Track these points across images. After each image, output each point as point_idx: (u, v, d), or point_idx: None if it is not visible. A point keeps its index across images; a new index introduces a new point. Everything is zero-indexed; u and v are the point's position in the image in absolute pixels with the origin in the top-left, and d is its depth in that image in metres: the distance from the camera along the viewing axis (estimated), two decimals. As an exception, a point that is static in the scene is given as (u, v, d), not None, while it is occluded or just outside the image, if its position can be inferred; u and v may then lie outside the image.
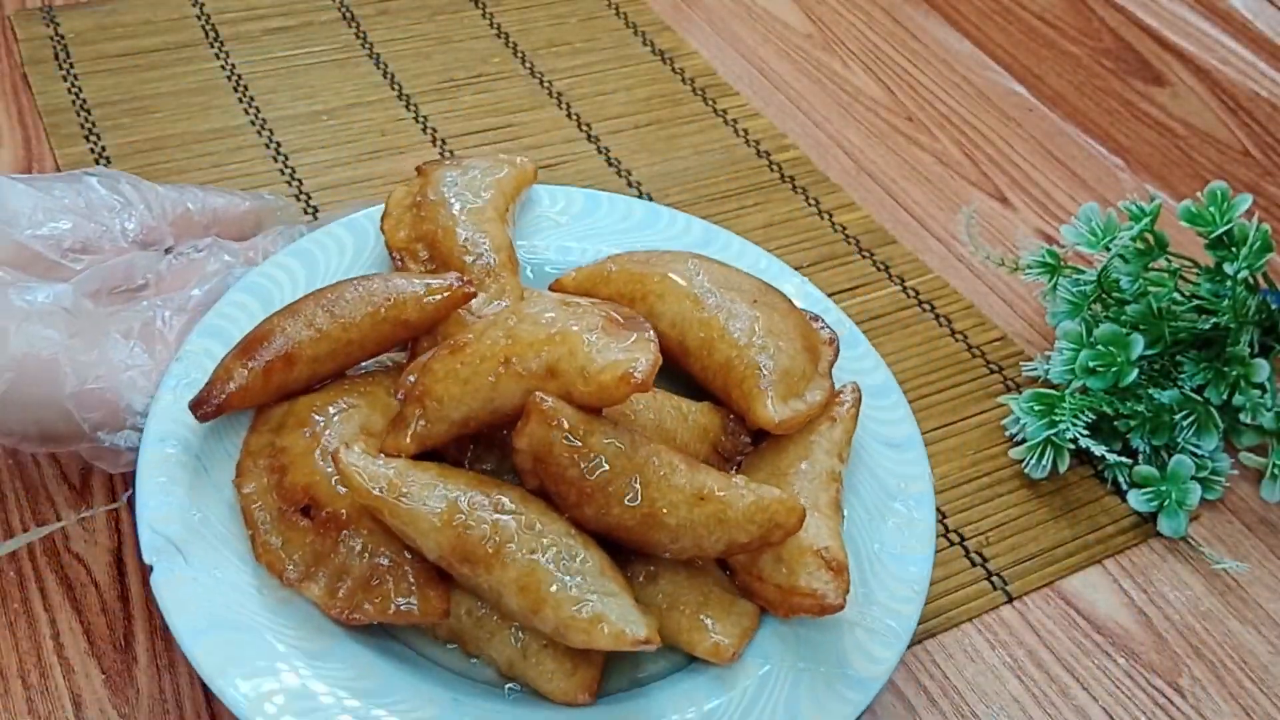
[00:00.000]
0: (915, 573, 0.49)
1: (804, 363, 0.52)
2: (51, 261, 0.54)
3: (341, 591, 0.46)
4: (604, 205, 0.63)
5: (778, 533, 0.45)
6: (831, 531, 0.48)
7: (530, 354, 0.46)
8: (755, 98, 0.85)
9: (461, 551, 0.44)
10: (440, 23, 0.88)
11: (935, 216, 0.77)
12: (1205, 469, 0.60)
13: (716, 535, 0.45)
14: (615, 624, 0.42)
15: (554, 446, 0.44)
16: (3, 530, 0.55)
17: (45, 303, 0.51)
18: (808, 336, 0.53)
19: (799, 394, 0.51)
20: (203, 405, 0.49)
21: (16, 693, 0.49)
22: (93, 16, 0.83)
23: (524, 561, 0.43)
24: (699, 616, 0.47)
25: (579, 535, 0.45)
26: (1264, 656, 0.55)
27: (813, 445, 0.51)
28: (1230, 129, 0.78)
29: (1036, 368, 0.66)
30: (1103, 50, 0.84)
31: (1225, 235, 0.60)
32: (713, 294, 0.53)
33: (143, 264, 0.56)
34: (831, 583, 0.46)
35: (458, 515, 0.44)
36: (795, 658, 0.47)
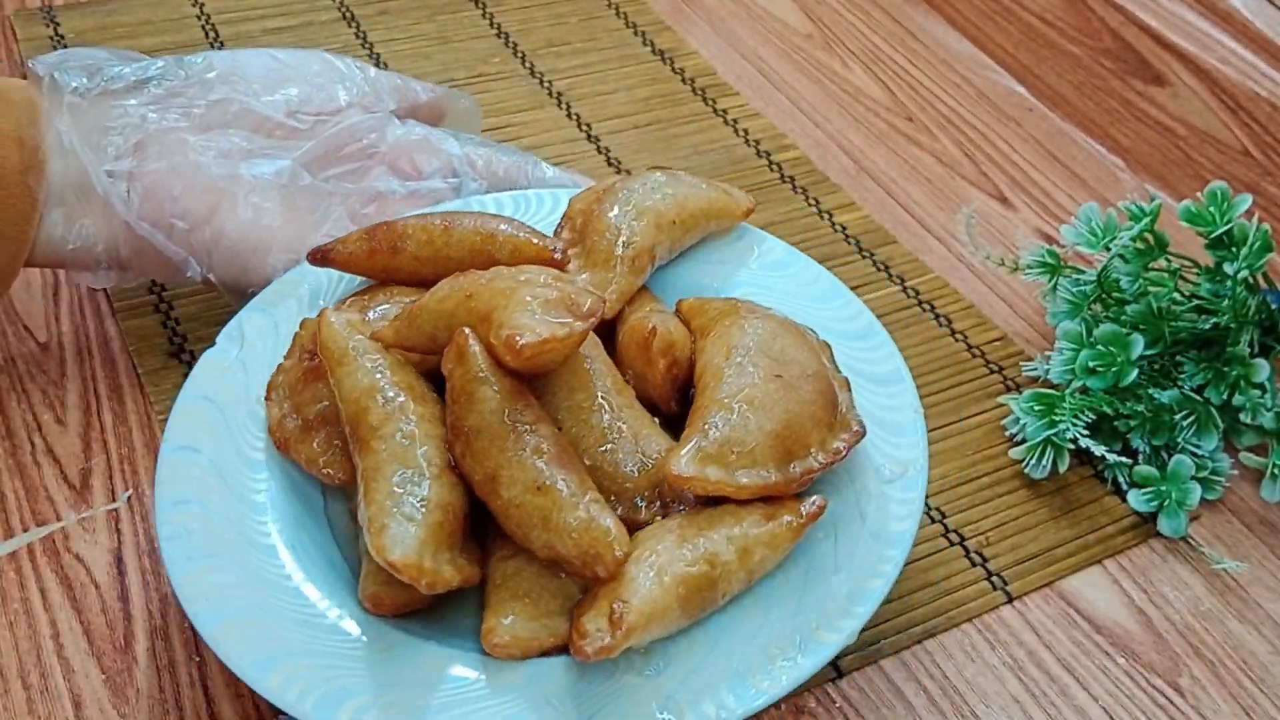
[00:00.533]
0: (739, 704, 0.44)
1: (760, 446, 0.48)
2: (278, 122, 0.61)
3: (289, 424, 0.52)
4: (797, 265, 0.60)
5: (598, 564, 0.45)
6: (649, 599, 0.44)
7: (485, 295, 0.49)
8: (755, 98, 0.85)
9: (353, 425, 0.48)
10: (440, 23, 0.88)
11: (935, 216, 0.77)
12: (1205, 469, 0.60)
13: (539, 531, 0.45)
14: (386, 539, 0.44)
15: (454, 379, 0.48)
16: (3, 530, 0.55)
17: (268, 176, 0.60)
18: (799, 430, 0.49)
19: (727, 466, 0.47)
20: (315, 253, 0.57)
21: (16, 693, 0.49)
22: (93, 16, 0.83)
23: (380, 456, 0.47)
24: (509, 603, 0.46)
25: (444, 471, 0.47)
26: (1264, 656, 0.55)
27: (720, 525, 0.47)
28: (1230, 129, 0.78)
29: (1036, 368, 0.66)
30: (1103, 50, 0.84)
31: (1225, 235, 0.60)
32: (747, 354, 0.51)
33: (366, 126, 0.63)
34: (601, 631, 0.43)
35: (367, 397, 0.48)
36: (554, 695, 0.45)
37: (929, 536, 0.58)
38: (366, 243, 0.56)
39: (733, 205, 0.61)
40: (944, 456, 0.62)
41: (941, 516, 0.59)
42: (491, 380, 0.47)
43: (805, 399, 0.50)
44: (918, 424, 0.53)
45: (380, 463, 0.46)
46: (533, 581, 0.47)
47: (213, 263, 0.59)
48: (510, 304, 0.48)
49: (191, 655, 0.51)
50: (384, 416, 0.48)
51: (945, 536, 0.58)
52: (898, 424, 0.53)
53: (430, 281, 0.53)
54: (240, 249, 0.59)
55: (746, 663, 0.45)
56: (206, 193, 0.58)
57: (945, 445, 0.63)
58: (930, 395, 0.65)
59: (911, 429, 0.53)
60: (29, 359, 0.62)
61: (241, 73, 0.61)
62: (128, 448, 0.58)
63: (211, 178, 0.58)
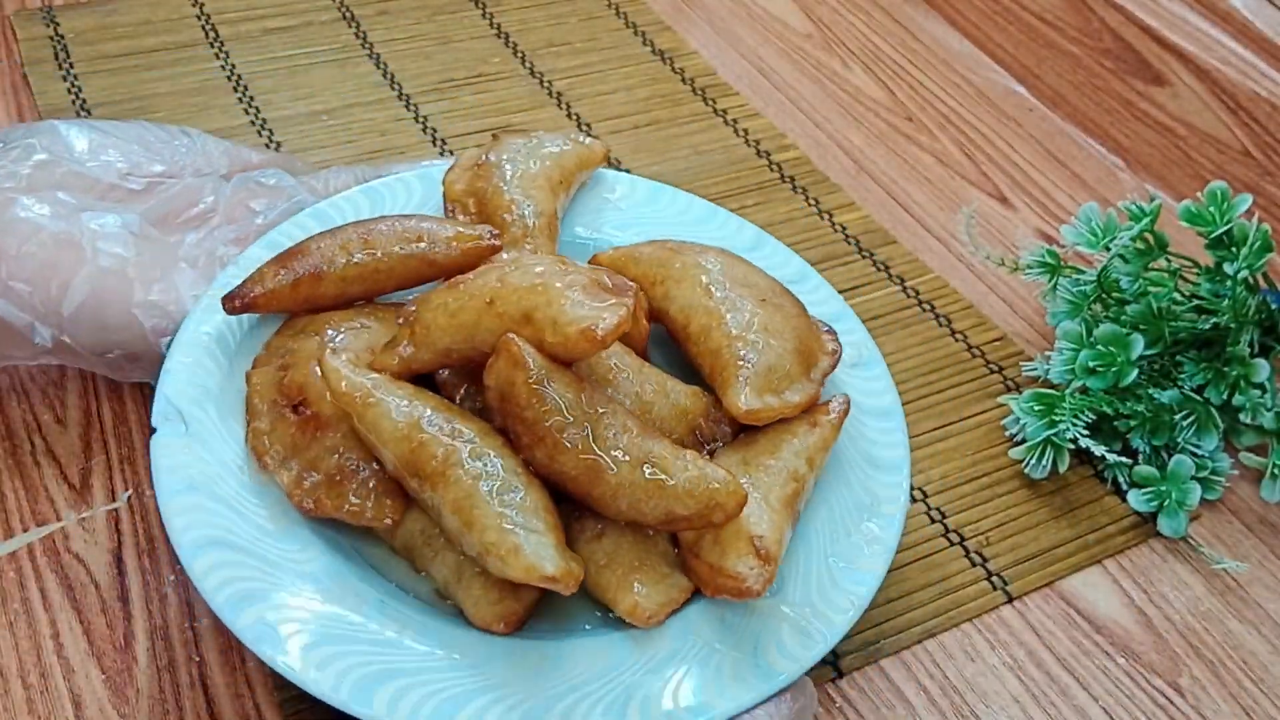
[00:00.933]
0: (860, 589, 0.49)
1: (792, 363, 0.53)
2: (109, 184, 0.57)
3: (308, 483, 0.49)
4: (665, 197, 0.64)
5: (718, 513, 0.46)
6: (773, 525, 0.48)
7: (512, 298, 0.48)
8: (755, 98, 0.85)
9: (413, 465, 0.47)
10: (440, 23, 0.88)
11: (935, 216, 0.77)
12: (1205, 469, 0.60)
13: (655, 501, 0.46)
14: (529, 557, 0.44)
15: (516, 386, 0.47)
16: (3, 530, 0.55)
17: (115, 226, 0.56)
18: (806, 342, 0.54)
19: (777, 391, 0.52)
20: (232, 300, 0.53)
21: (16, 693, 0.49)
22: (93, 16, 0.83)
23: (465, 484, 0.46)
24: (630, 578, 0.48)
25: (526, 475, 0.47)
26: (1264, 656, 0.55)
27: (783, 444, 0.51)
28: (1230, 129, 0.78)
29: (1036, 368, 0.66)
30: (1103, 50, 0.84)
31: (1225, 235, 0.60)
32: (725, 287, 0.54)
33: (207, 188, 0.60)
34: (755, 569, 0.46)
35: (418, 431, 0.47)
36: (715, 638, 0.47)
37: (929, 537, 0.58)
38: (287, 275, 0.53)
39: (593, 153, 0.63)
40: (944, 456, 0.62)
41: (941, 516, 0.59)
42: (556, 377, 0.47)
43: (794, 314, 0.55)
44: (846, 310, 0.59)
45: (469, 490, 0.46)
46: (634, 551, 0.48)
47: (64, 323, 0.54)
48: (552, 299, 0.47)
49: (191, 655, 0.51)
50: (447, 445, 0.46)
51: (945, 536, 0.58)
52: (833, 314, 0.59)
53: (356, 299, 0.55)
54: (95, 301, 0.54)
55: (839, 550, 0.50)
56: (48, 249, 0.54)
57: (945, 445, 0.63)
58: (930, 395, 0.65)
59: (845, 315, 0.59)
60: (29, 359, 0.62)
61: (63, 140, 0.58)
62: (128, 448, 0.58)
63: (50, 233, 0.54)
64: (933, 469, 0.61)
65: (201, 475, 0.49)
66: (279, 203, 0.61)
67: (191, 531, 0.46)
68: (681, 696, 0.45)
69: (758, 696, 0.46)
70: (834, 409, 0.53)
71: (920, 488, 0.60)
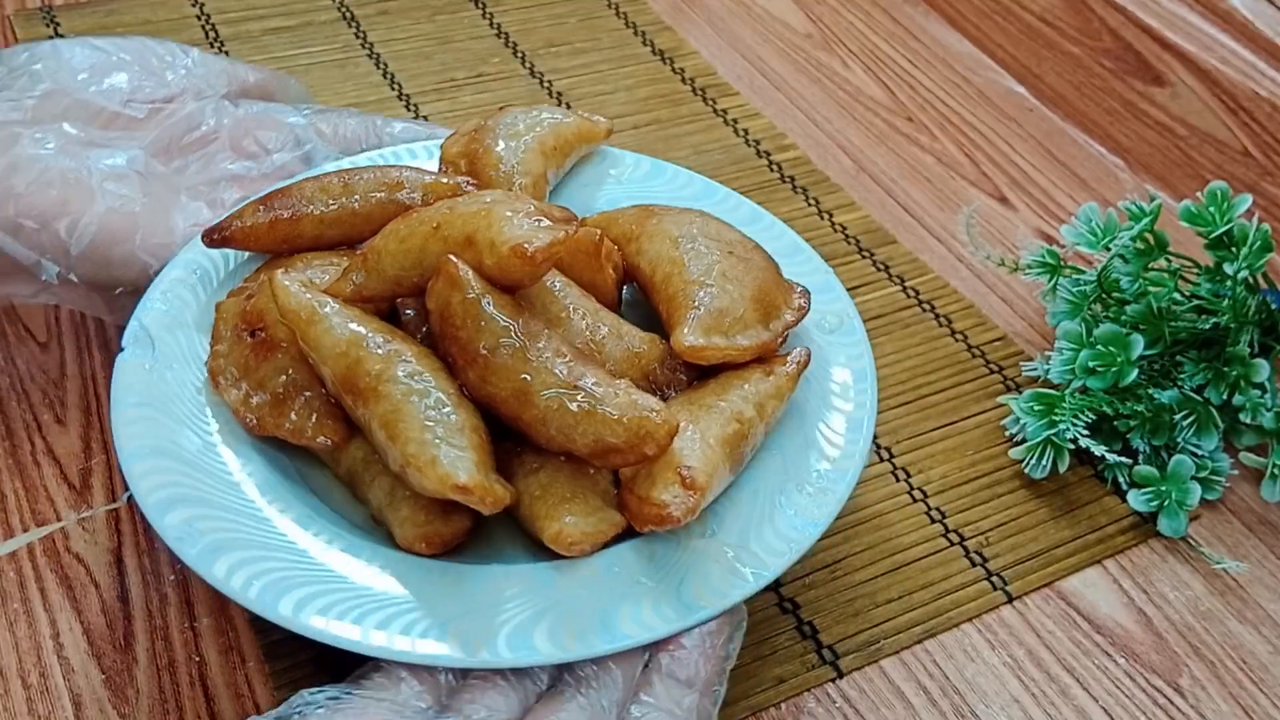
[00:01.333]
0: (800, 535, 0.48)
1: (747, 311, 0.53)
2: (113, 113, 0.59)
3: (254, 401, 0.50)
4: (667, 174, 0.65)
5: (649, 442, 0.46)
6: (705, 459, 0.47)
7: (457, 223, 0.49)
8: (755, 98, 0.85)
9: (349, 380, 0.47)
10: (440, 23, 0.88)
11: (935, 216, 0.77)
12: (1205, 469, 0.60)
13: (584, 427, 0.46)
14: (444, 467, 0.44)
15: (452, 306, 0.47)
16: (3, 530, 0.55)
17: (122, 165, 0.57)
18: (768, 293, 0.54)
19: (727, 333, 0.52)
20: (212, 234, 0.55)
21: (16, 693, 0.49)
22: (93, 16, 0.83)
23: (394, 399, 0.46)
24: (560, 508, 0.47)
25: (458, 397, 0.47)
26: (1264, 656, 0.55)
27: (733, 388, 0.51)
28: (1230, 129, 0.78)
29: (1036, 368, 0.66)
30: (1103, 50, 0.84)
31: (1225, 235, 0.60)
32: (693, 240, 0.55)
33: (208, 110, 0.61)
34: (679, 497, 0.46)
35: (356, 348, 0.47)
36: (641, 573, 0.47)
37: (929, 537, 0.58)
38: (266, 213, 0.54)
39: (596, 129, 0.64)
40: (944, 456, 0.62)
41: (941, 516, 0.59)
42: (493, 299, 0.47)
43: (761, 267, 0.55)
44: (833, 281, 0.58)
45: (398, 404, 0.46)
46: (570, 485, 0.48)
47: (71, 261, 0.55)
48: (493, 222, 0.48)
49: (191, 655, 0.51)
50: (382, 362, 0.47)
51: (945, 536, 0.58)
52: (819, 285, 0.58)
53: (334, 243, 0.55)
54: (102, 241, 0.55)
55: (786, 500, 0.49)
56: (54, 187, 0.55)
57: (945, 445, 0.63)
58: (930, 395, 0.65)
59: (832, 286, 0.58)
60: (29, 359, 0.62)
61: (66, 64, 0.59)
62: (128, 448, 0.58)
63: (59, 170, 0.55)
64: (933, 469, 0.61)
65: (158, 394, 0.50)
66: (288, 142, 0.62)
67: (136, 441, 0.48)
68: (591, 622, 0.45)
69: (671, 628, 0.45)
70: (791, 360, 0.53)
71: (920, 488, 0.60)
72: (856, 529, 0.58)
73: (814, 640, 0.54)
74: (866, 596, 0.55)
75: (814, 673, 0.52)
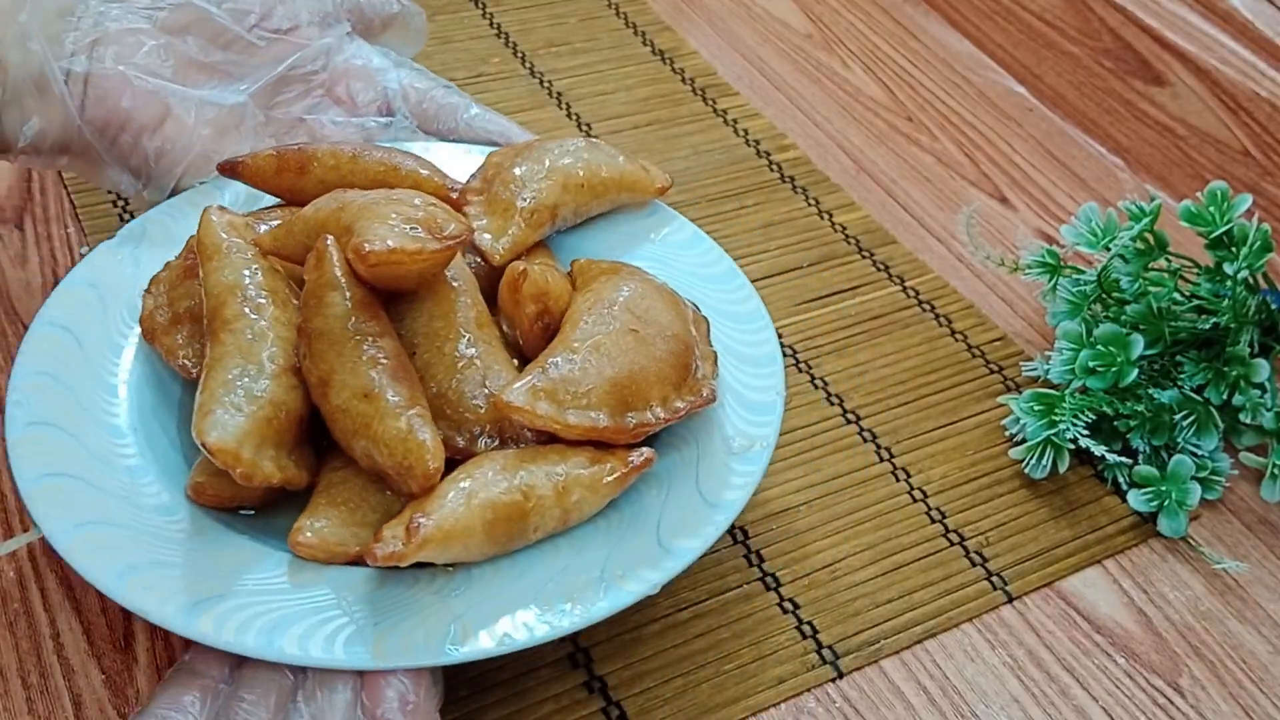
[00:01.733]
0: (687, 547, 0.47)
1: (597, 390, 0.49)
2: (236, 35, 0.61)
3: (159, 315, 0.53)
4: (700, 246, 0.61)
5: (410, 478, 0.45)
6: (455, 520, 0.45)
7: (352, 209, 0.50)
8: (755, 98, 0.85)
9: (209, 317, 0.49)
10: (440, 23, 0.88)
11: (935, 216, 0.77)
12: (1205, 469, 0.60)
13: (360, 440, 0.46)
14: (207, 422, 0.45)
15: (309, 282, 0.48)
16: (3, 530, 0.55)
17: (225, 108, 0.60)
18: (641, 384, 0.50)
19: (559, 404, 0.48)
20: (225, 165, 0.57)
21: (16, 693, 0.49)
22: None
23: (224, 347, 0.48)
24: (328, 509, 0.47)
25: (285, 375, 0.48)
26: (1264, 656, 0.55)
27: (545, 461, 0.48)
28: (1230, 129, 0.78)
29: (1036, 368, 0.66)
30: (1103, 50, 0.84)
31: (1225, 235, 0.60)
32: (611, 305, 0.52)
33: (316, 53, 0.63)
34: (394, 542, 0.43)
35: (229, 293, 0.49)
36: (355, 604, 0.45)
37: (929, 537, 0.58)
38: (275, 160, 0.57)
39: (646, 180, 0.62)
40: (944, 456, 0.62)
41: (941, 516, 0.59)
42: (344, 287, 0.48)
43: (655, 356, 0.51)
44: (777, 406, 0.53)
45: (224, 354, 0.47)
46: (355, 492, 0.47)
47: (151, 177, 0.59)
48: (372, 217, 0.48)
49: (191, 655, 0.51)
50: (238, 312, 0.48)
51: (945, 536, 0.58)
52: (760, 404, 0.53)
53: None
54: (178, 170, 0.59)
55: (544, 597, 0.45)
56: (156, 106, 0.58)
57: (945, 445, 0.63)
58: (930, 395, 0.65)
59: (770, 409, 0.53)
60: (29, 359, 0.62)
61: None
62: (128, 448, 0.58)
63: (165, 94, 0.58)
64: (933, 469, 0.61)
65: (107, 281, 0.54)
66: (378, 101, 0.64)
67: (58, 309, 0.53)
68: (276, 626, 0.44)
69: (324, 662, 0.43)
70: (631, 461, 0.48)
71: (920, 487, 0.60)
72: (856, 529, 0.58)
73: (814, 640, 0.54)
74: (866, 596, 0.55)
75: (814, 673, 0.52)
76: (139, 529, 0.46)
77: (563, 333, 0.52)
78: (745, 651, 0.53)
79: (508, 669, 0.51)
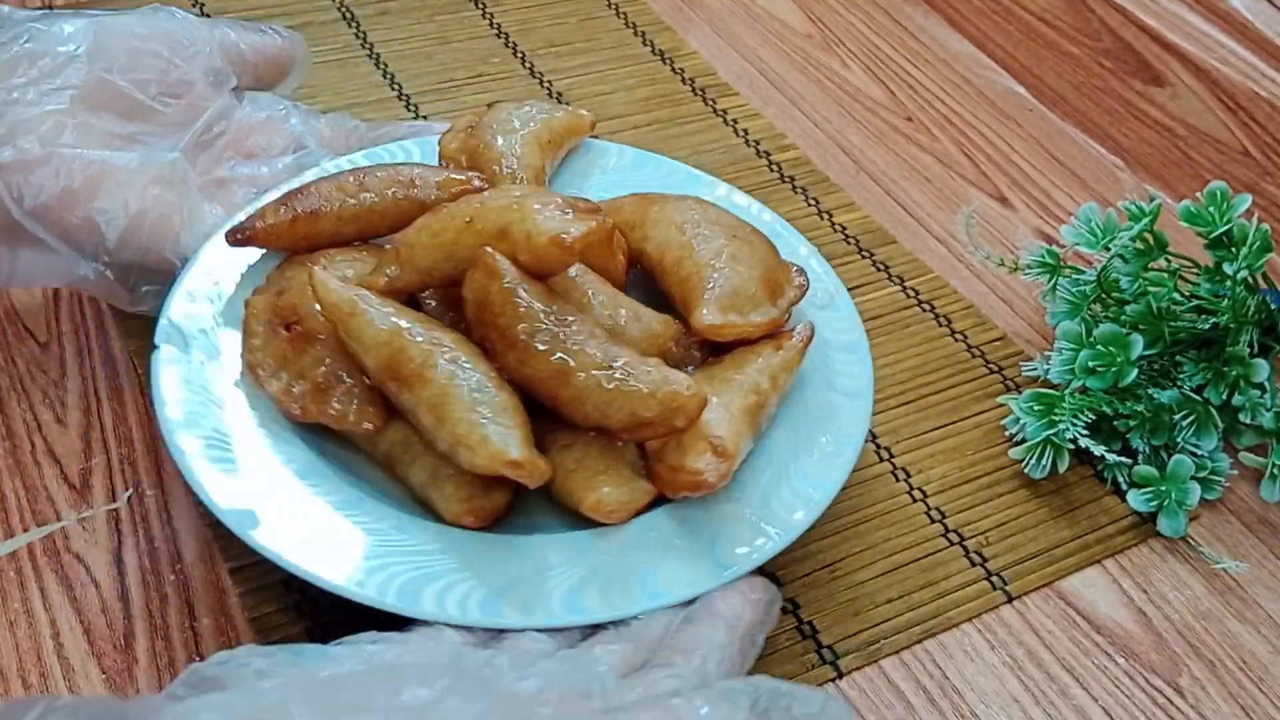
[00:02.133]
0: (816, 496, 0.52)
1: (757, 289, 0.56)
2: (145, 105, 0.60)
3: (296, 391, 0.52)
4: (650, 163, 0.68)
5: (680, 415, 0.49)
6: (731, 428, 0.51)
7: (490, 216, 0.52)
8: (755, 98, 0.85)
9: (393, 368, 0.49)
10: (440, 23, 0.88)
11: (935, 216, 0.77)
12: (1205, 469, 0.60)
13: (619, 403, 0.49)
14: (495, 444, 0.47)
15: (491, 295, 0.50)
16: (3, 530, 0.55)
17: (170, 172, 0.59)
18: (772, 273, 0.58)
19: (741, 311, 0.55)
20: (234, 233, 0.57)
21: (17, 693, 0.49)
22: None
23: (440, 383, 0.49)
24: (596, 480, 0.50)
25: (498, 380, 0.50)
26: (1264, 656, 0.55)
27: (747, 362, 0.55)
28: (1230, 129, 0.78)
29: (1036, 368, 0.66)
30: (1103, 50, 0.84)
31: (1225, 235, 0.60)
32: (697, 225, 0.58)
33: (220, 113, 0.62)
34: (712, 464, 0.49)
35: (398, 337, 0.50)
36: (673, 534, 0.50)
37: (929, 536, 0.58)
38: (286, 212, 0.57)
39: (582, 121, 0.67)
40: (944, 456, 0.62)
41: (941, 516, 0.59)
42: (529, 287, 0.50)
43: (764, 248, 0.59)
44: (820, 261, 0.62)
45: (443, 388, 0.49)
46: (602, 458, 0.51)
47: (113, 253, 0.57)
48: (526, 215, 0.51)
49: (191, 655, 0.51)
50: (424, 350, 0.49)
51: (945, 536, 0.58)
52: (801, 258, 0.62)
53: (350, 239, 0.58)
54: (140, 241, 0.57)
55: (799, 463, 0.53)
56: (94, 176, 0.56)
57: (945, 445, 0.63)
58: (930, 395, 0.65)
59: (811, 253, 0.63)
60: (29, 359, 0.62)
61: (104, 47, 0.59)
62: (128, 448, 0.58)
63: (99, 163, 0.57)
64: (932, 469, 0.61)
65: (198, 382, 0.52)
66: (290, 145, 0.64)
67: (188, 429, 0.50)
68: (634, 582, 0.48)
69: (710, 585, 0.48)
70: (798, 334, 0.56)
71: (920, 487, 0.60)
72: (856, 529, 0.58)
73: (814, 640, 0.54)
74: (866, 596, 0.55)
75: (814, 672, 0.52)
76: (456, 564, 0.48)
77: (679, 259, 0.57)
78: (745, 651, 0.53)
79: (508, 669, 0.51)
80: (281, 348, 0.53)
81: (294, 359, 0.53)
